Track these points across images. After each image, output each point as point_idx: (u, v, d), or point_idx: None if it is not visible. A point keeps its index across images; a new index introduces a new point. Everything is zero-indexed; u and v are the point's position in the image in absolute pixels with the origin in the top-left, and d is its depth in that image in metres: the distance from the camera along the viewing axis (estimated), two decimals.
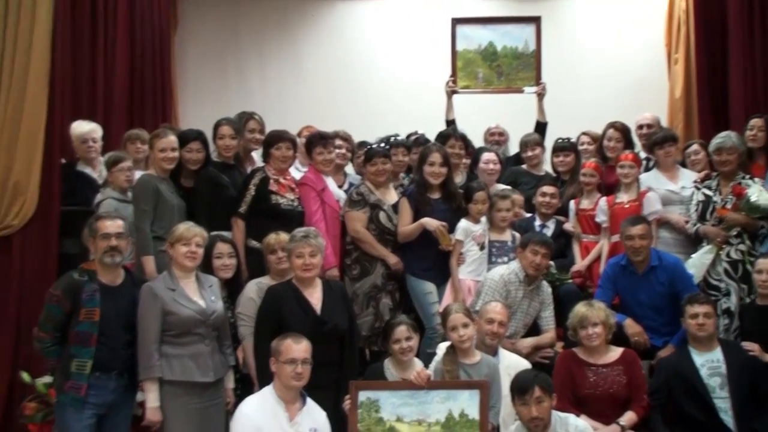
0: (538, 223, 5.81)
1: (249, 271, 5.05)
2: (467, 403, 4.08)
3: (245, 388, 4.63)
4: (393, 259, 5.29)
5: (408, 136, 6.19)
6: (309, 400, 4.06)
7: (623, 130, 6.10)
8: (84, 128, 5.98)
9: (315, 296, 4.44)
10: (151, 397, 4.18)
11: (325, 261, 4.75)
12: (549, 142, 6.47)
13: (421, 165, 5.37)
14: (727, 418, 4.46)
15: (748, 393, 4.51)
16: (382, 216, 5.33)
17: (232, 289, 4.84)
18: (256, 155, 5.84)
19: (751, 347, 4.68)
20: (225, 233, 5.03)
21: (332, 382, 4.33)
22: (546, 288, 5.21)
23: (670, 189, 5.66)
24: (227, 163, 5.44)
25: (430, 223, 5.20)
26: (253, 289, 4.75)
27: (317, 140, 5.51)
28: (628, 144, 6.08)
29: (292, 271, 4.50)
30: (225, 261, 4.77)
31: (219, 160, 5.43)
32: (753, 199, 5.12)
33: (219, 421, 4.36)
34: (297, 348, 3.98)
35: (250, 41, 8.86)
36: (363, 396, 4.09)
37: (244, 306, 4.72)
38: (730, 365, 4.55)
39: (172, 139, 5.17)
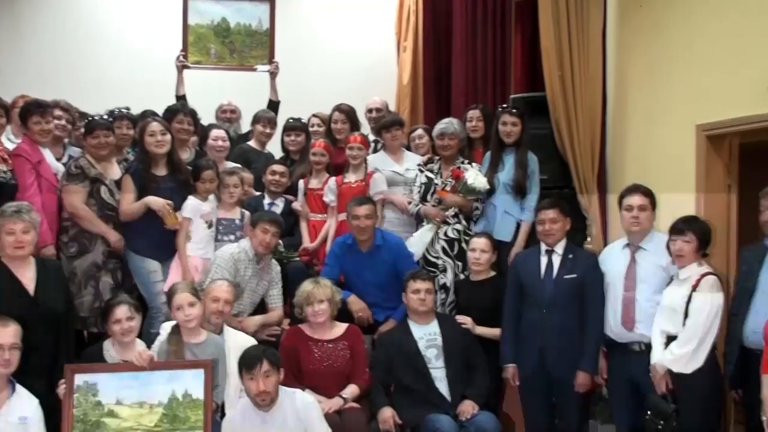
0: (267, 201, 5.86)
1: None
2: (191, 383, 4.06)
3: None
4: (114, 237, 5.13)
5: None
6: (19, 388, 3.87)
7: (348, 112, 6.28)
8: None
9: (28, 276, 4.22)
10: None
11: (39, 238, 4.48)
12: (281, 121, 6.56)
13: (142, 137, 5.23)
14: (442, 386, 4.75)
15: (461, 363, 4.84)
16: (103, 191, 5.14)
17: None
18: None
19: (464, 320, 5.01)
20: None
21: (46, 367, 4.13)
22: (275, 266, 5.28)
23: (395, 170, 5.90)
24: None
25: (155, 202, 5.09)
26: None
27: (34, 109, 5.18)
28: (354, 126, 6.27)
29: (2, 249, 4.21)
30: None
31: None
32: (470, 182, 5.45)
33: None
34: (2, 333, 3.77)
35: None
36: (80, 380, 3.96)
37: None
38: (445, 337, 4.85)
39: None
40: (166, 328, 4.46)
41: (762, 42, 4.64)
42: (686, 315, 4.17)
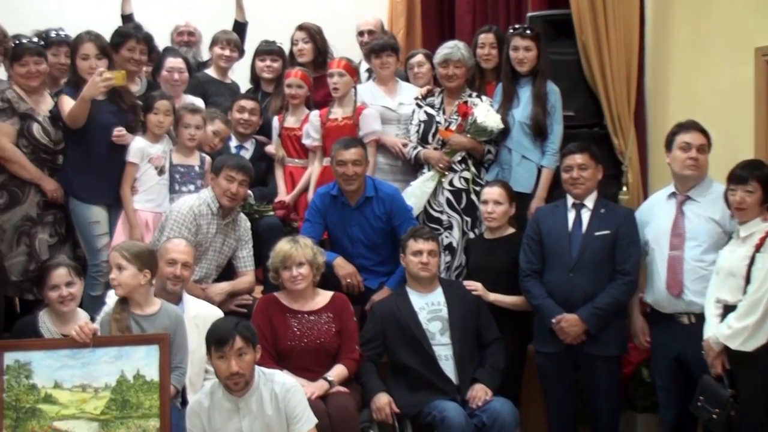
0: (234, 143, 5.78)
1: None
2: (143, 361, 3.97)
3: None
4: (50, 185, 5.03)
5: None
6: None
7: (311, 30, 6.21)
8: None
9: None
10: None
11: None
12: (249, 48, 6.45)
13: (73, 58, 5.09)
14: (448, 367, 4.69)
15: (471, 338, 4.78)
16: (36, 129, 5.01)
17: None
18: None
19: (474, 286, 4.94)
20: None
21: None
22: (244, 222, 5.21)
23: (386, 105, 5.79)
24: None
25: (90, 85, 4.81)
26: None
27: None
28: (320, 48, 6.19)
29: None
30: None
31: None
32: (480, 119, 5.35)
33: None
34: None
35: None
36: (10, 359, 3.90)
37: None
38: (452, 308, 4.78)
39: None
40: (112, 296, 4.34)
41: None
42: (748, 281, 4.09)
